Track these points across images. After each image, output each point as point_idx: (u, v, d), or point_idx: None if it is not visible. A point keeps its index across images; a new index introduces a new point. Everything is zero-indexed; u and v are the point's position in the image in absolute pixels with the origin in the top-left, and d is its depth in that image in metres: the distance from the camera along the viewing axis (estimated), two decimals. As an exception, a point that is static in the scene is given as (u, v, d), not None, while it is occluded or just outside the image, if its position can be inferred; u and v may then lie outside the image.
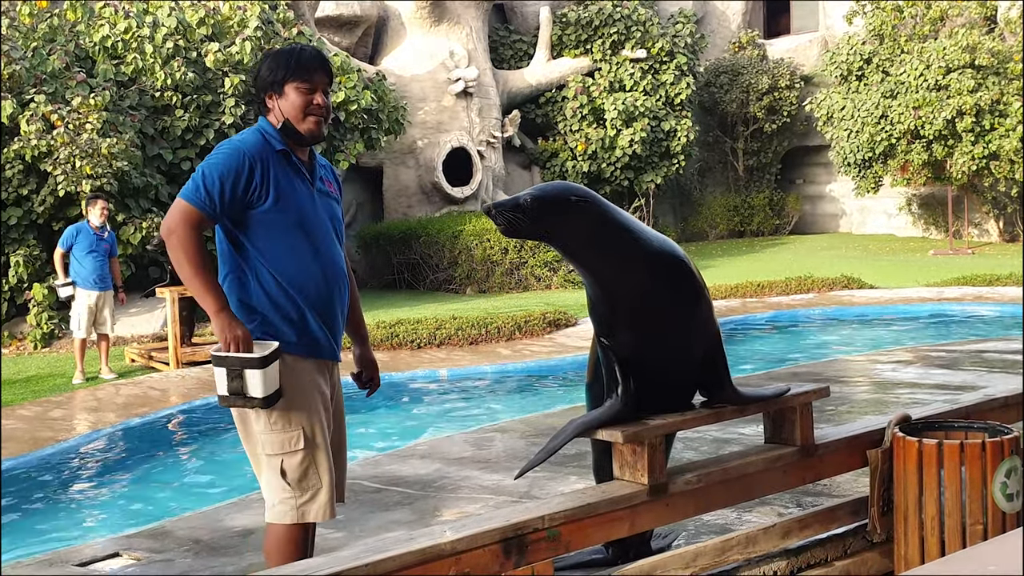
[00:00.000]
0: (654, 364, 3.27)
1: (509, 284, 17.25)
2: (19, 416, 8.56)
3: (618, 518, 3.08)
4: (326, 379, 3.46)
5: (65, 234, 10.49)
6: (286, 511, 3.35)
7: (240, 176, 3.31)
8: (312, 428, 3.35)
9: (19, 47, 14.15)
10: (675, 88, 22.52)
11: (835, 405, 7.01)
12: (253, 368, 3.22)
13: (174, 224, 3.29)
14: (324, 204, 3.50)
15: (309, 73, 3.40)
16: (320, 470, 3.36)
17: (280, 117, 3.41)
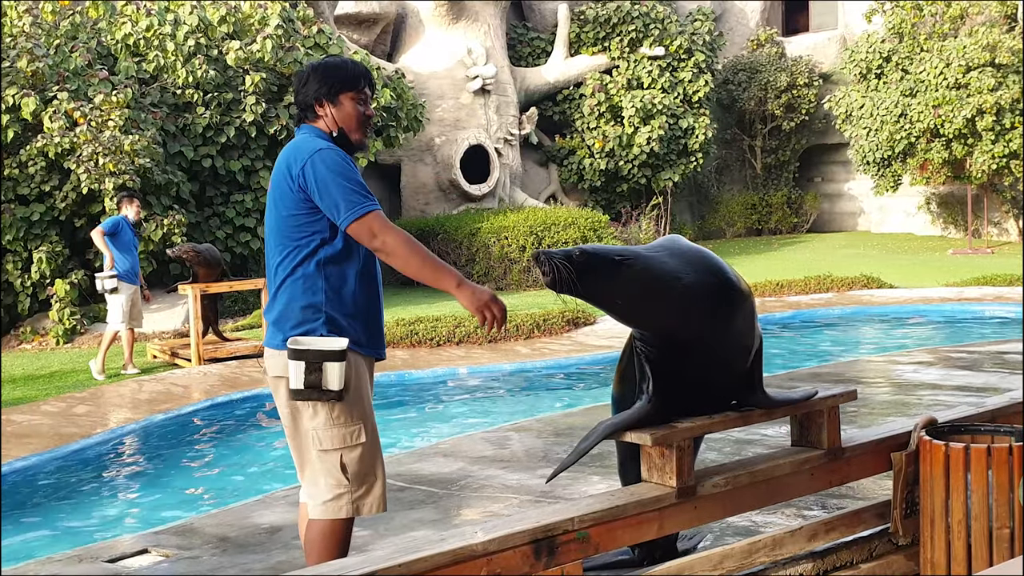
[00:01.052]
0: (693, 375, 3.30)
1: (527, 282, 17.27)
2: (44, 412, 8.64)
3: (647, 520, 3.12)
4: (371, 375, 3.60)
5: (110, 220, 10.56)
6: (341, 506, 3.43)
7: (353, 166, 3.49)
8: (369, 423, 3.48)
9: (42, 45, 14.24)
10: (693, 86, 22.49)
11: (857, 407, 7.01)
12: (333, 361, 3.32)
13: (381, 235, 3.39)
14: None
15: (362, 84, 3.58)
16: (376, 464, 3.49)
17: (333, 126, 3.55)
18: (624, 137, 21.63)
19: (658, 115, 21.58)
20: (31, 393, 9.55)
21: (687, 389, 3.30)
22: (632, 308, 3.27)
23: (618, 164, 21.98)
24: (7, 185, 13.55)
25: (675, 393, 3.28)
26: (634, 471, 3.72)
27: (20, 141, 13.61)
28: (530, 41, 23.24)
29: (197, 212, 15.07)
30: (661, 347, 3.30)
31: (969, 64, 19.70)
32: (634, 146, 21.64)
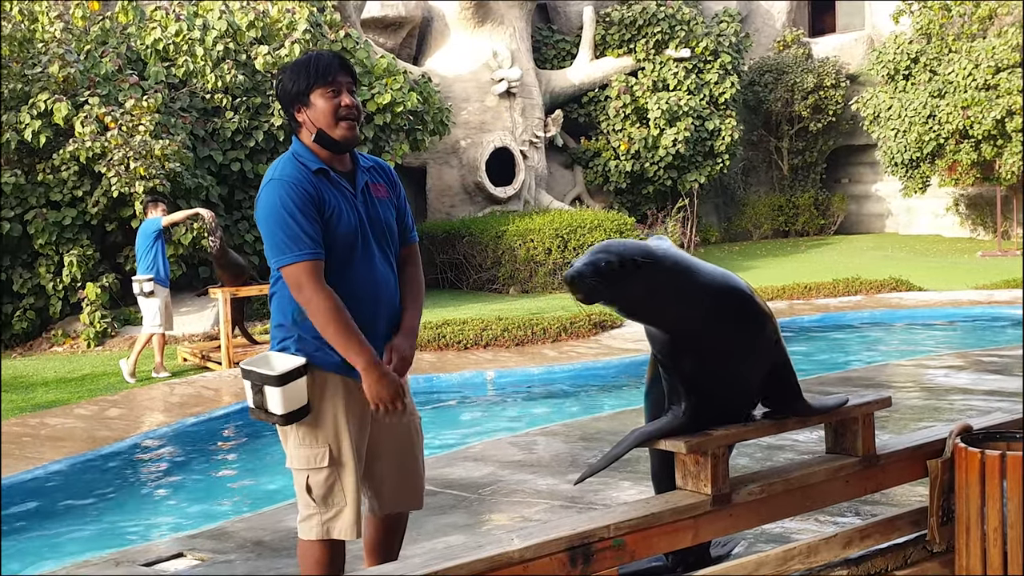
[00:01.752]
0: (717, 388, 3.31)
1: (552, 284, 17.29)
2: (77, 415, 8.73)
3: (682, 528, 3.12)
4: (363, 395, 3.35)
5: (154, 224, 10.60)
6: (312, 526, 3.36)
7: (304, 203, 3.26)
8: (339, 447, 3.33)
9: (73, 50, 14.38)
10: (719, 87, 22.45)
11: (888, 412, 6.97)
12: (271, 386, 3.26)
13: (305, 291, 3.23)
14: (371, 211, 3.41)
15: (331, 75, 3.32)
16: (346, 489, 3.33)
17: (312, 129, 3.33)
18: (650, 139, 21.61)
19: (684, 117, 21.55)
20: (64, 396, 9.65)
21: (713, 398, 3.30)
22: (656, 308, 3.24)
23: (644, 166, 21.97)
24: (39, 190, 13.69)
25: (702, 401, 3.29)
26: (664, 478, 3.73)
27: (52, 146, 13.74)
28: (555, 43, 23.25)
29: (226, 216, 15.17)
30: (682, 357, 3.29)
31: (998, 65, 19.58)
32: (660, 148, 21.62)
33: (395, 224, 3.52)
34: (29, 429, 8.21)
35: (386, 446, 3.50)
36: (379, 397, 3.28)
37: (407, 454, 3.57)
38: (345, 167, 3.42)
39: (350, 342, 3.24)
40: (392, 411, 3.31)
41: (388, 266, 3.44)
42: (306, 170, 3.31)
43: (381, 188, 3.50)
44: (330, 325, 3.22)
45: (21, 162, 13.90)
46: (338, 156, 3.39)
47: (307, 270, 3.21)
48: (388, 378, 3.29)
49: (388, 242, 3.46)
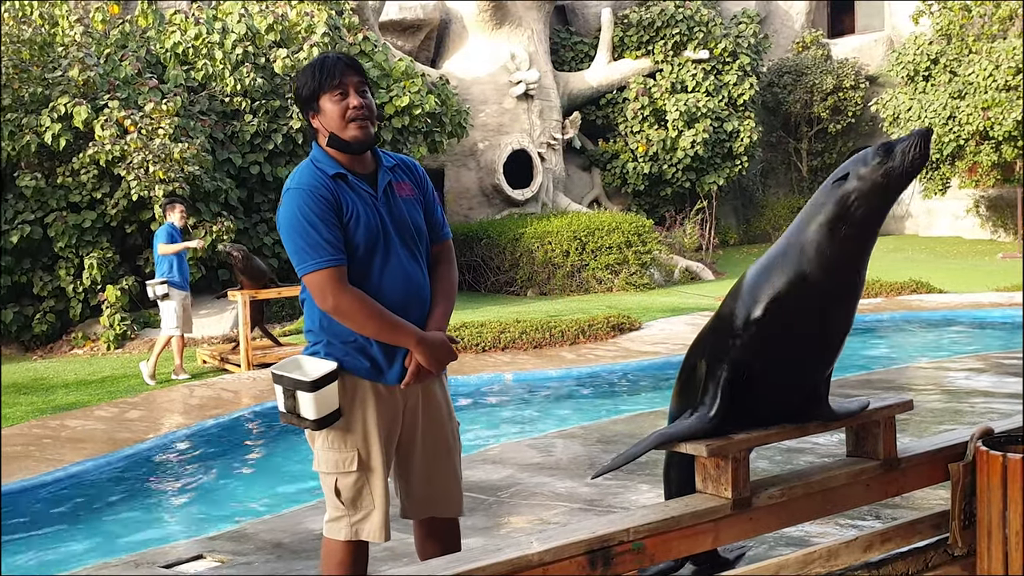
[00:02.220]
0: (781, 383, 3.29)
1: (570, 287, 17.28)
2: (97, 417, 8.77)
3: (702, 531, 3.11)
4: (394, 402, 3.38)
5: (166, 231, 10.65)
6: (340, 528, 3.36)
7: (322, 209, 3.25)
8: (368, 451, 3.33)
9: (93, 54, 14.46)
10: (738, 89, 22.39)
11: (909, 415, 6.94)
12: (304, 391, 3.26)
13: (332, 298, 3.23)
14: (394, 211, 3.38)
15: (336, 77, 3.29)
16: (374, 492, 3.33)
17: (326, 133, 3.33)
18: (668, 141, 21.58)
19: (702, 118, 21.50)
20: (84, 398, 9.70)
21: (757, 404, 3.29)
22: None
23: (662, 168, 21.93)
24: (59, 193, 13.78)
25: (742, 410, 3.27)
26: (676, 478, 3.72)
27: (72, 149, 13.83)
28: (573, 46, 23.25)
29: (245, 218, 15.22)
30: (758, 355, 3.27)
31: (1019, 66, 19.46)
32: (678, 150, 21.58)
33: (423, 222, 3.48)
34: (50, 431, 8.26)
35: (420, 449, 3.47)
36: (438, 362, 3.33)
37: (442, 459, 3.53)
38: (366, 168, 3.40)
39: (392, 329, 3.27)
40: (436, 365, 3.34)
41: (416, 265, 3.40)
42: (323, 176, 3.30)
43: (406, 186, 3.47)
44: (368, 322, 3.24)
45: (41, 165, 13.99)
46: (357, 158, 3.37)
47: (329, 277, 3.21)
48: (438, 343, 3.32)
49: (415, 241, 3.42)
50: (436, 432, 3.50)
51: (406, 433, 3.44)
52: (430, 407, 3.48)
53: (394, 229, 3.36)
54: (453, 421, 3.59)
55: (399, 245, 3.36)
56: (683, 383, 3.55)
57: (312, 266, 3.22)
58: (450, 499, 3.54)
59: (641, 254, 17.52)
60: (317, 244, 3.21)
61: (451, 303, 3.50)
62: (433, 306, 3.44)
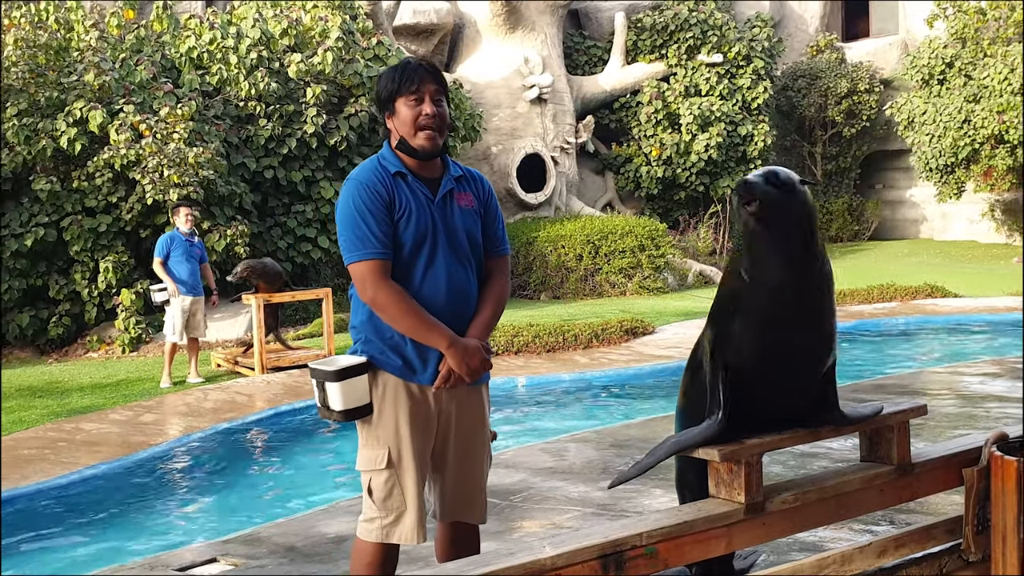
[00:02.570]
0: (775, 387, 3.29)
1: (583, 290, 17.27)
2: (111, 420, 8.80)
3: (715, 536, 3.10)
4: (427, 403, 3.41)
5: (160, 243, 10.74)
6: (372, 529, 3.38)
7: (374, 203, 3.31)
8: (399, 450, 3.35)
9: (108, 59, 14.53)
10: (752, 92, 22.36)
11: (924, 419, 6.91)
12: (330, 381, 3.31)
13: (371, 290, 3.28)
14: (448, 218, 3.41)
15: (414, 83, 3.36)
16: (406, 493, 3.35)
17: (397, 136, 3.40)
18: (681, 144, 21.56)
19: (716, 122, 21.48)
20: (99, 401, 9.74)
21: (761, 407, 3.29)
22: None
23: (675, 172, 21.90)
24: (75, 197, 13.84)
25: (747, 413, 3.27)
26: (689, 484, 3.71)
27: (87, 153, 13.89)
28: (587, 49, 23.25)
29: (259, 222, 15.27)
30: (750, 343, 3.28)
31: (1034, 69, 19.37)
32: (692, 153, 21.56)
33: (478, 234, 3.51)
34: (65, 434, 8.30)
35: (452, 455, 3.49)
36: (469, 368, 3.33)
37: (471, 466, 3.54)
38: (432, 173, 3.45)
39: (426, 328, 3.29)
40: (472, 372, 3.34)
41: (463, 274, 3.42)
42: (383, 172, 3.38)
43: (467, 197, 3.50)
44: (402, 317, 3.28)
45: (57, 169, 14.06)
46: (425, 162, 3.43)
47: (372, 268, 3.28)
48: (470, 349, 3.33)
49: (465, 251, 3.44)
50: (468, 440, 3.52)
51: (440, 437, 3.46)
52: (466, 415, 3.50)
53: (444, 234, 3.39)
54: (487, 431, 3.62)
55: (447, 251, 3.39)
56: (686, 384, 3.57)
57: (357, 256, 3.30)
58: (474, 506, 3.56)
59: (654, 258, 17.51)
60: (365, 236, 3.29)
61: (495, 314, 3.52)
62: (477, 314, 3.47)
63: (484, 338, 3.44)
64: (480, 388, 3.54)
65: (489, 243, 3.55)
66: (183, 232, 10.79)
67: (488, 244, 3.55)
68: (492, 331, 3.53)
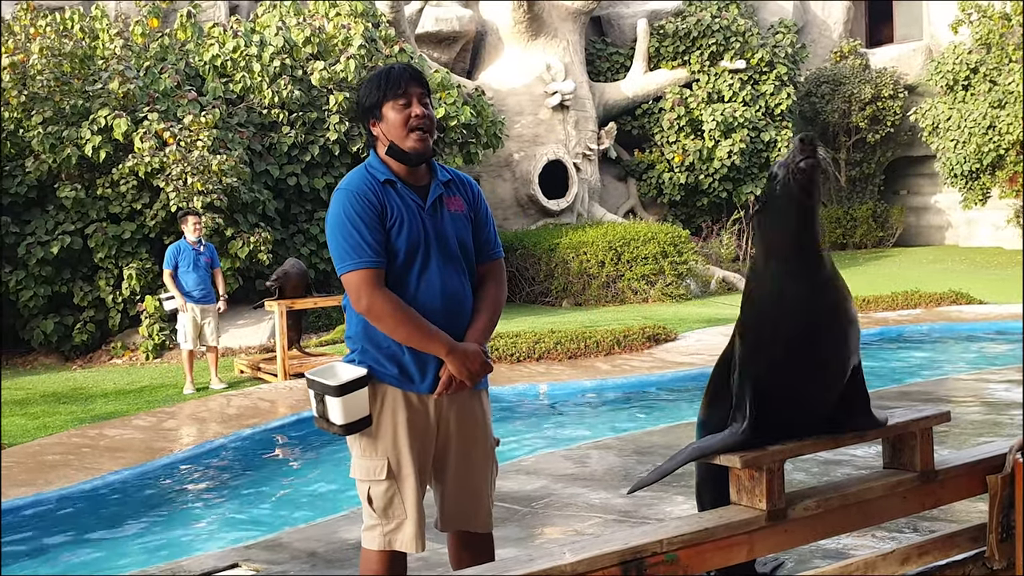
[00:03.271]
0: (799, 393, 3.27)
1: (606, 297, 17.24)
2: (134, 426, 8.85)
3: (736, 543, 3.09)
4: (426, 412, 3.39)
5: (168, 254, 10.82)
6: (374, 537, 3.38)
7: (366, 212, 3.30)
8: (398, 460, 3.34)
9: (132, 67, 14.63)
10: (775, 98, 22.29)
11: (948, 427, 6.86)
12: (331, 395, 3.29)
13: (366, 299, 3.27)
14: (438, 225, 3.39)
15: (401, 87, 3.35)
16: (406, 502, 3.33)
17: (385, 141, 3.38)
18: (704, 151, 21.51)
19: (739, 128, 21.42)
20: (122, 407, 9.79)
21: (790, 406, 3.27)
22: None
23: (698, 178, 21.85)
24: (99, 204, 13.94)
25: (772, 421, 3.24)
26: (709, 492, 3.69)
27: (112, 161, 13.99)
28: (609, 56, 23.24)
29: (282, 229, 15.33)
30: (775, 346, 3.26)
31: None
32: (715, 160, 21.51)
33: (470, 239, 3.50)
34: (88, 440, 8.34)
35: (453, 463, 3.47)
36: (470, 372, 3.32)
37: (472, 475, 3.51)
38: (420, 180, 3.44)
39: (424, 336, 3.28)
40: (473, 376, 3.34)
41: (457, 280, 3.41)
42: (373, 180, 3.36)
43: (457, 202, 3.49)
44: (399, 326, 3.27)
45: (82, 177, 14.16)
46: (411, 169, 3.41)
47: (365, 278, 3.26)
48: (470, 353, 3.32)
49: (458, 257, 3.43)
50: (468, 448, 3.49)
51: (441, 445, 3.44)
52: (465, 422, 3.47)
53: (436, 241, 3.38)
54: (489, 438, 3.58)
55: (440, 257, 3.37)
56: (711, 394, 3.55)
57: (350, 266, 3.28)
58: (477, 515, 3.52)
59: (677, 264, 17.45)
60: (358, 245, 3.27)
61: (493, 319, 3.50)
62: (474, 319, 3.45)
63: (483, 343, 3.42)
64: (480, 394, 3.51)
65: (481, 247, 3.54)
66: (190, 241, 10.84)
67: (480, 248, 3.53)
68: (490, 336, 3.50)
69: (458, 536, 3.55)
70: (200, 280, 10.78)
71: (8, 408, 10.02)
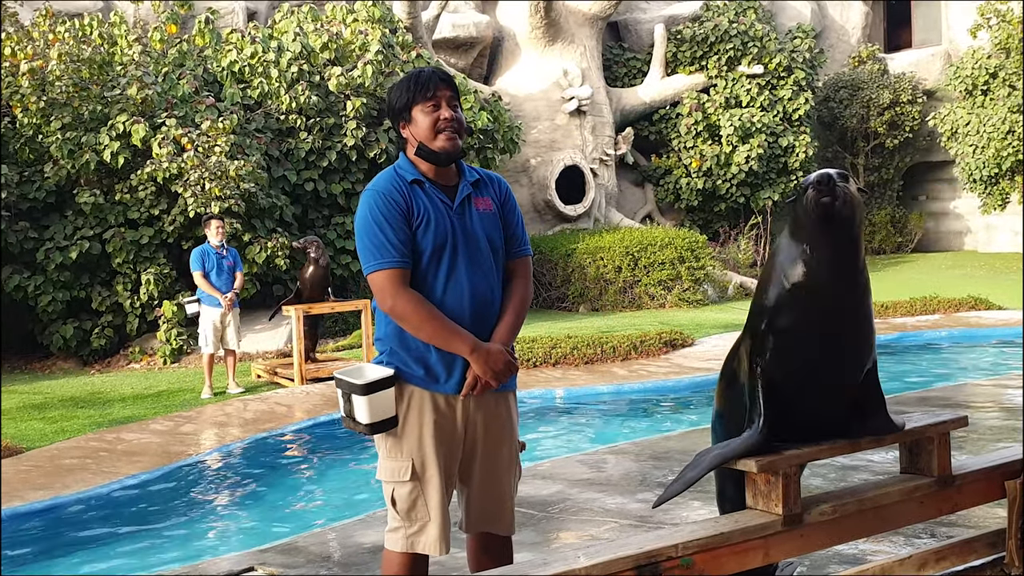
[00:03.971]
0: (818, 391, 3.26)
1: (622, 303, 17.21)
2: (152, 430, 8.88)
3: (752, 548, 3.07)
4: (452, 413, 3.39)
5: (194, 257, 10.84)
6: (397, 539, 3.38)
7: (392, 213, 3.31)
8: (423, 461, 3.34)
9: (151, 73, 14.70)
10: (793, 103, 22.22)
11: (966, 432, 6.83)
12: (357, 394, 3.30)
13: (390, 299, 3.29)
14: (467, 224, 3.39)
15: (430, 90, 3.37)
16: (429, 504, 3.33)
17: (415, 143, 3.39)
18: (722, 156, 21.46)
19: (757, 134, 21.36)
20: (140, 412, 9.83)
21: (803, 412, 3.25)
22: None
23: (716, 183, 21.80)
24: (118, 209, 14.00)
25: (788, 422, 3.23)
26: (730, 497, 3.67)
27: (130, 167, 14.04)
28: (626, 61, 23.22)
29: (300, 234, 15.35)
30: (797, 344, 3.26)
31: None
32: (732, 165, 21.45)
33: (499, 238, 3.49)
34: (106, 444, 8.38)
35: (481, 463, 3.46)
36: (495, 372, 3.31)
37: (498, 477, 3.50)
38: (448, 181, 3.45)
39: (448, 335, 3.29)
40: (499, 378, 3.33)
41: (485, 279, 3.41)
42: (400, 181, 3.38)
43: (485, 201, 3.49)
44: (423, 325, 3.28)
45: (100, 182, 14.23)
46: (440, 169, 3.43)
47: (390, 278, 3.28)
48: (494, 353, 3.32)
49: (486, 256, 3.43)
50: (494, 449, 3.48)
51: (467, 448, 3.44)
52: (493, 424, 3.46)
53: (463, 240, 3.38)
54: (515, 441, 3.57)
55: (467, 257, 3.38)
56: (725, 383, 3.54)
57: (376, 266, 3.30)
58: (501, 517, 3.52)
59: (694, 270, 17.41)
60: (383, 245, 3.29)
61: (519, 318, 3.50)
62: (500, 319, 3.45)
63: (508, 343, 3.41)
64: (507, 396, 3.51)
65: (510, 244, 3.54)
66: (213, 245, 10.88)
67: (509, 245, 3.53)
68: (516, 335, 3.48)
69: (479, 539, 3.55)
70: (222, 284, 10.82)
71: (27, 412, 10.08)
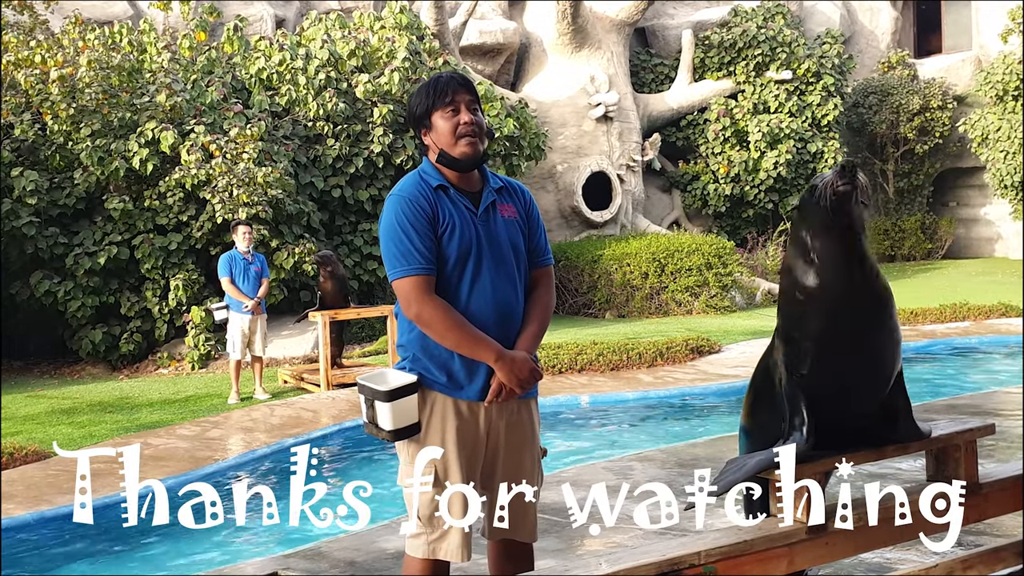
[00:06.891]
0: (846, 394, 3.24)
1: (649, 309, 17.15)
2: (179, 435, 8.92)
3: (776, 556, 3.05)
4: (475, 420, 3.39)
5: (222, 263, 10.89)
6: (418, 545, 3.37)
7: (418, 219, 3.30)
8: (446, 468, 3.32)
9: (180, 80, 14.80)
10: (822, 109, 22.11)
11: (995, 440, 6.75)
12: (380, 401, 3.29)
13: (416, 306, 3.28)
14: (491, 231, 3.38)
15: (449, 95, 3.36)
16: (451, 510, 3.30)
17: (436, 150, 3.38)
18: (750, 162, 21.38)
19: (785, 139, 21.27)
20: (167, 417, 9.88)
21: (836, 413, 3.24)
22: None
23: (744, 189, 21.72)
24: (146, 215, 14.11)
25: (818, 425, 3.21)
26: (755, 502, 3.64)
27: (159, 173, 14.15)
28: (653, 67, 23.18)
29: (327, 241, 15.42)
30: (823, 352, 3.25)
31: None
32: (760, 171, 21.37)
33: (523, 245, 3.49)
34: (133, 448, 8.40)
35: (503, 470, 3.45)
36: (520, 380, 3.30)
37: (523, 481, 3.45)
38: (472, 187, 3.44)
39: (473, 342, 3.27)
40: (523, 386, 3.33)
41: (509, 286, 3.40)
42: (425, 186, 3.37)
43: (509, 208, 3.49)
44: (448, 332, 3.26)
45: (129, 189, 14.34)
46: (464, 175, 3.42)
47: (415, 284, 3.26)
48: (519, 360, 3.31)
49: (511, 263, 3.42)
50: (516, 456, 3.47)
51: (490, 453, 3.43)
52: (515, 431, 3.46)
53: (488, 247, 3.37)
54: (537, 447, 3.56)
55: (492, 264, 3.37)
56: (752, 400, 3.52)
57: (400, 272, 3.28)
58: (524, 524, 3.51)
59: (722, 276, 17.33)
60: (408, 251, 3.27)
61: (542, 326, 3.49)
62: (524, 327, 3.44)
63: (532, 351, 3.41)
64: (529, 403, 3.50)
65: (532, 253, 3.53)
66: (241, 250, 10.92)
67: (531, 255, 3.53)
68: (539, 343, 3.48)
69: (500, 546, 3.54)
70: (250, 290, 10.87)
71: (55, 417, 10.16)
